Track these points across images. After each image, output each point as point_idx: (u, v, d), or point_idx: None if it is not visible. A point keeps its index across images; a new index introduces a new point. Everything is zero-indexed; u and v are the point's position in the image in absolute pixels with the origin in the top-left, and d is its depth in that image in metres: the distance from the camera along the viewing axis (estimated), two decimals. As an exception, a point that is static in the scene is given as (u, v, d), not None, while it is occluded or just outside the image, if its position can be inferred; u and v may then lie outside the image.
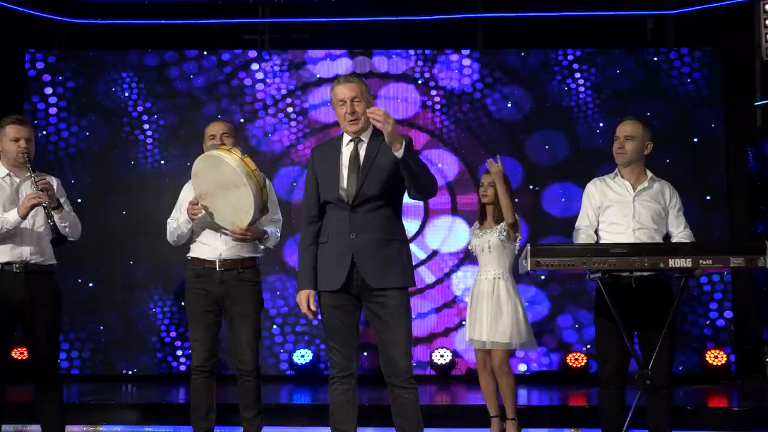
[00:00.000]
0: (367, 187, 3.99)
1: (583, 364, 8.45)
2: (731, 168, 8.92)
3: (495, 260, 5.58)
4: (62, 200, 4.82)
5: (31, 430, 6.18)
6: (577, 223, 4.78)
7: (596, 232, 4.70)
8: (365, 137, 4.11)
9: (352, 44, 8.93)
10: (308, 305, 4.05)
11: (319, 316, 4.15)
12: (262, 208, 4.61)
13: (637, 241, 4.43)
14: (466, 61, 9.10)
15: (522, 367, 8.60)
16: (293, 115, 9.03)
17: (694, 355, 8.63)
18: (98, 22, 9.55)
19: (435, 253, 8.96)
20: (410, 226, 8.69)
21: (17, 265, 4.65)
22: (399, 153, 3.77)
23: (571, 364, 8.51)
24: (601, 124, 8.86)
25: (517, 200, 6.81)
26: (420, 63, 9.10)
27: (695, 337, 8.65)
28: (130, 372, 8.76)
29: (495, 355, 5.52)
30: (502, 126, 9.05)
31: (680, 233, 4.61)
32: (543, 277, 8.61)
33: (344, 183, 4.03)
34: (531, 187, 8.92)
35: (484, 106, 9.05)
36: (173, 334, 8.77)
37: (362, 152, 4.07)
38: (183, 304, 5.28)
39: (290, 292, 8.79)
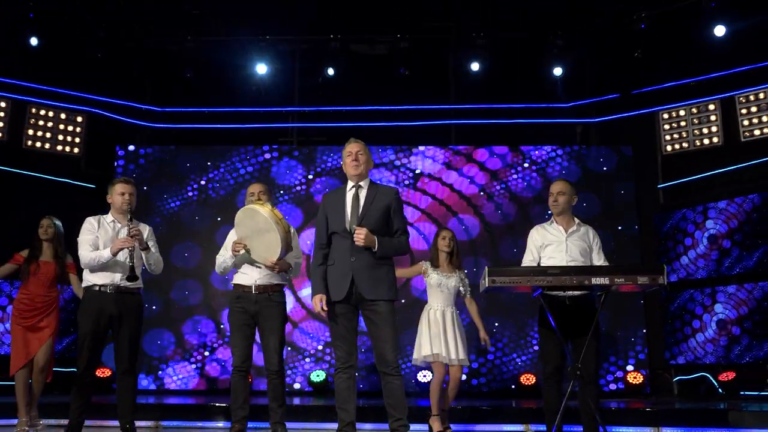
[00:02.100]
0: (364, 223, 4.09)
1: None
2: (642, 230, 8.91)
3: (448, 298, 5.58)
4: (151, 243, 4.96)
5: (108, 425, 6.05)
6: (524, 259, 4.82)
7: (538, 265, 4.73)
8: (364, 185, 4.22)
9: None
10: (319, 305, 4.11)
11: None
12: (287, 247, 4.67)
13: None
14: (439, 154, 9.20)
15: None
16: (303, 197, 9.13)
17: (617, 375, 8.51)
18: (171, 126, 9.73)
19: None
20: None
21: (110, 287, 4.73)
22: (375, 249, 4.03)
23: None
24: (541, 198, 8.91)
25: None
26: (401, 155, 9.20)
27: (619, 360, 8.54)
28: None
29: (457, 372, 5.47)
30: (465, 198, 9.10)
31: (600, 263, 4.65)
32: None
33: (348, 219, 4.11)
34: (489, 239, 8.93)
35: (456, 187, 9.13)
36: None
37: (362, 196, 4.18)
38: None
39: (308, 330, 8.74)
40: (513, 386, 8.48)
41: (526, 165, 9.10)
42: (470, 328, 5.94)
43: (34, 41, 8.63)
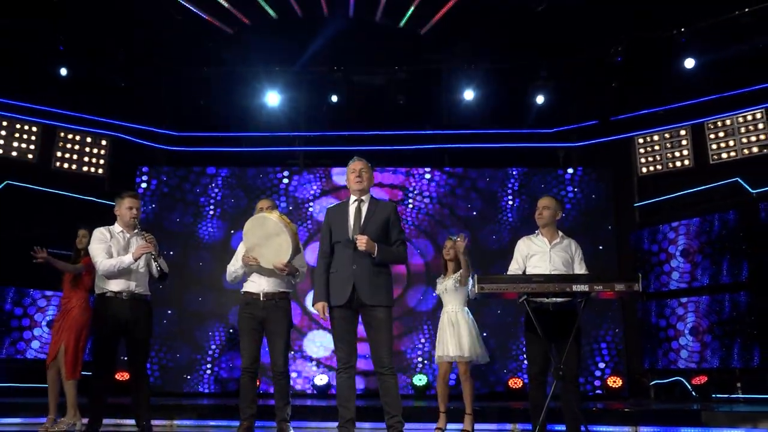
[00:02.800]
0: (365, 233, 4.08)
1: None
2: (620, 245, 8.89)
3: (453, 299, 5.54)
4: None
5: (125, 423, 6.00)
6: (510, 267, 4.78)
7: (523, 273, 4.71)
8: (366, 199, 4.22)
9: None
10: (323, 312, 4.09)
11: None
12: (296, 249, 4.65)
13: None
14: (437, 176, 9.22)
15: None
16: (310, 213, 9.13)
17: (597, 380, 8.45)
18: (188, 149, 9.75)
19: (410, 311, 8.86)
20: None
21: (125, 294, 4.67)
22: (375, 255, 4.02)
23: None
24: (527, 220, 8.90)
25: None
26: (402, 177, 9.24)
27: (599, 365, 8.49)
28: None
29: (460, 367, 5.43)
30: (459, 218, 9.09)
31: (581, 273, 4.62)
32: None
33: (350, 230, 4.11)
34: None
35: (449, 206, 9.13)
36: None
37: (363, 210, 4.18)
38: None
39: (312, 339, 8.70)
40: (502, 389, 8.42)
41: (513, 185, 9.10)
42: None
43: (63, 71, 8.69)
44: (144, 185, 9.08)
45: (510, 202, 9.04)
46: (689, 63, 8.37)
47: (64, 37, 8.62)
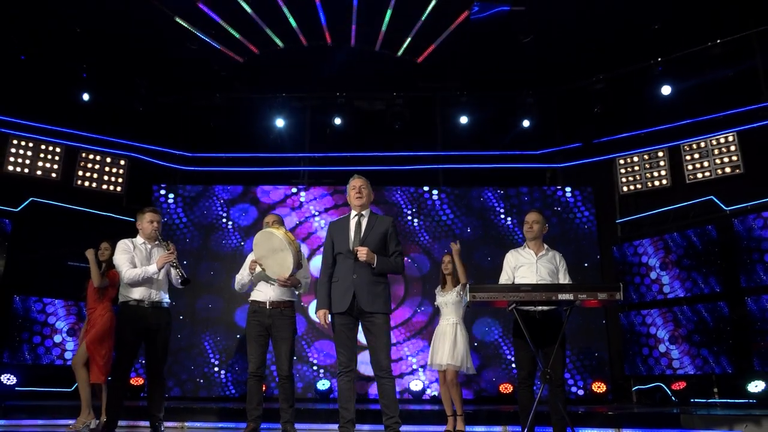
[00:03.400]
0: (365, 244, 4.08)
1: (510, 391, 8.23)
2: (603, 259, 8.88)
3: (453, 312, 5.55)
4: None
5: (140, 425, 5.96)
6: (500, 278, 4.78)
7: (512, 283, 4.69)
8: (366, 214, 4.22)
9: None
10: (323, 318, 4.07)
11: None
12: (298, 265, 4.65)
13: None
14: (433, 195, 9.24)
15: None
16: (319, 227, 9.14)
17: (581, 388, 8.40)
18: (201, 169, 9.78)
19: (408, 320, 8.81)
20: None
21: (146, 302, 4.67)
22: (375, 265, 4.02)
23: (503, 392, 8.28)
24: (518, 238, 8.94)
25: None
26: (404, 196, 9.24)
27: (584, 371, 8.44)
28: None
29: (449, 373, 5.42)
30: (455, 235, 9.08)
31: (566, 283, 4.62)
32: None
33: (351, 242, 4.11)
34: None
35: (444, 223, 9.13)
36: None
37: (363, 223, 4.18)
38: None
39: (316, 347, 8.65)
40: (494, 394, 8.37)
41: (503, 204, 9.11)
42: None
43: (86, 96, 8.75)
44: (159, 201, 9.07)
45: (503, 220, 9.03)
46: (666, 90, 8.45)
47: (86, 64, 8.70)
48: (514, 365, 8.15)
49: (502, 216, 9.05)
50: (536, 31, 8.22)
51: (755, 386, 7.09)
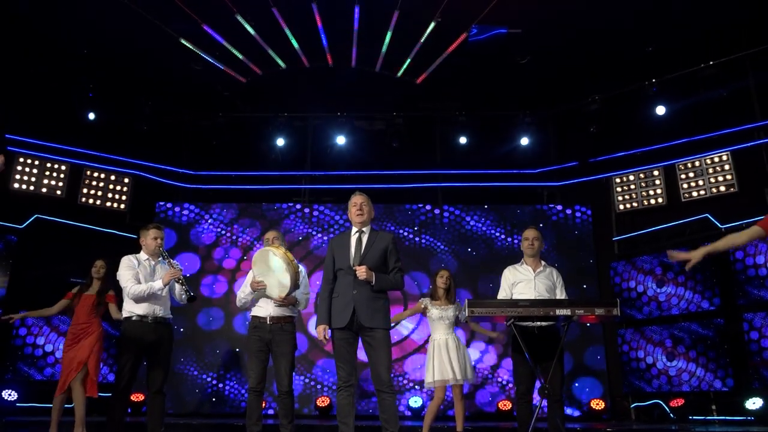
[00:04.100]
0: (366, 261, 4.09)
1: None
2: (600, 275, 8.88)
3: (448, 327, 5.53)
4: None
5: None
6: (498, 295, 4.78)
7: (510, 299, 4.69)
8: (366, 231, 4.24)
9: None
10: (322, 333, 4.07)
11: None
12: (295, 286, 4.65)
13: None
14: (433, 212, 9.25)
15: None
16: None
17: (583, 403, 8.36)
18: (203, 186, 9.81)
19: (406, 337, 8.80)
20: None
21: (150, 318, 4.67)
22: (373, 283, 4.02)
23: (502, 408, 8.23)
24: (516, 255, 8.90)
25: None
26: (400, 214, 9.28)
27: (582, 391, 8.39)
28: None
29: (455, 389, 5.38)
30: (453, 251, 9.09)
31: (563, 298, 4.62)
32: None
33: (351, 258, 4.12)
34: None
35: (445, 242, 9.14)
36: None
37: (364, 240, 4.19)
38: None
39: (318, 364, 8.63)
40: (492, 410, 8.32)
41: (501, 222, 9.13)
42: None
43: (91, 116, 8.82)
44: (162, 218, 9.10)
45: (500, 237, 9.05)
46: (660, 110, 8.52)
47: (93, 85, 8.78)
48: (511, 384, 8.16)
49: (500, 234, 9.06)
50: (533, 53, 8.32)
51: (753, 403, 7.05)
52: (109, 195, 9.07)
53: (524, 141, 9.40)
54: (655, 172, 8.83)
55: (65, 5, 7.46)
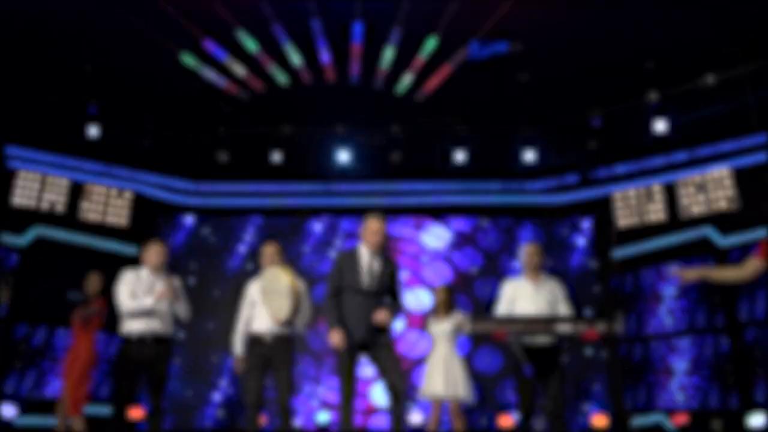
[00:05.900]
0: (379, 285, 4.20)
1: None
2: (601, 291, 8.84)
3: (448, 341, 5.49)
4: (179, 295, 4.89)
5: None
6: (498, 308, 4.76)
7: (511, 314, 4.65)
8: (379, 255, 4.29)
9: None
10: (338, 340, 4.11)
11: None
12: (294, 311, 4.66)
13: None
14: (434, 227, 9.23)
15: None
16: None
17: (584, 419, 8.26)
18: (205, 201, 9.78)
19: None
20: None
21: (149, 334, 4.65)
22: (389, 323, 4.10)
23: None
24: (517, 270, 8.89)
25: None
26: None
27: (584, 407, 8.29)
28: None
29: (453, 405, 5.33)
30: (456, 268, 9.03)
31: (565, 311, 4.58)
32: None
33: (364, 283, 4.16)
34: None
35: (445, 257, 9.11)
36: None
37: (376, 265, 4.25)
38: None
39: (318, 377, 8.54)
40: (493, 427, 8.23)
41: (503, 236, 9.12)
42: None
43: (93, 131, 8.82)
44: (163, 233, 9.08)
45: (502, 251, 9.02)
46: (660, 125, 8.50)
47: (95, 100, 8.80)
48: (513, 398, 8.08)
49: (501, 248, 9.03)
50: (533, 68, 8.33)
51: (757, 420, 6.97)
52: (110, 210, 9.05)
53: (524, 155, 9.38)
54: (656, 188, 8.80)
55: (69, 21, 7.49)
